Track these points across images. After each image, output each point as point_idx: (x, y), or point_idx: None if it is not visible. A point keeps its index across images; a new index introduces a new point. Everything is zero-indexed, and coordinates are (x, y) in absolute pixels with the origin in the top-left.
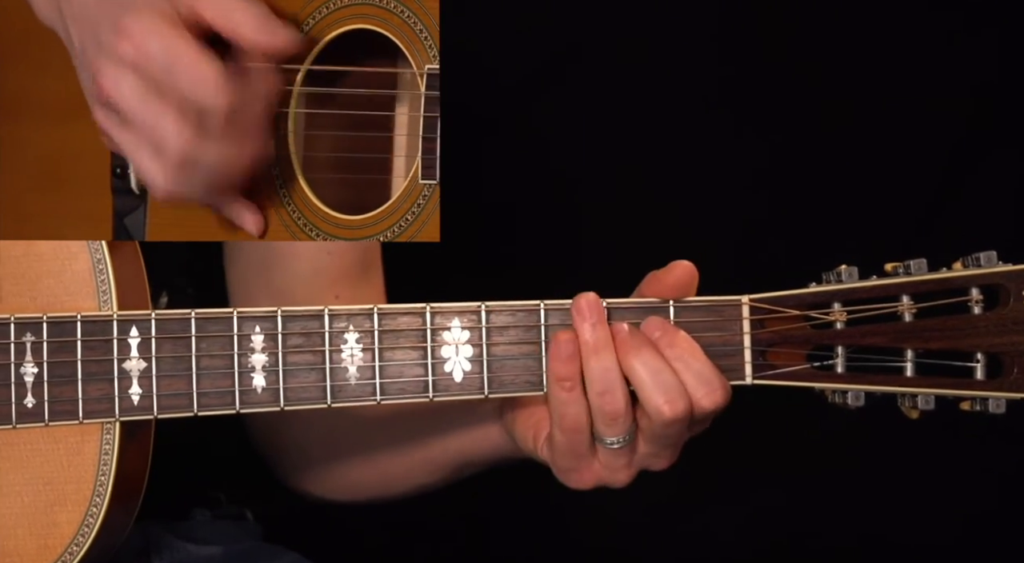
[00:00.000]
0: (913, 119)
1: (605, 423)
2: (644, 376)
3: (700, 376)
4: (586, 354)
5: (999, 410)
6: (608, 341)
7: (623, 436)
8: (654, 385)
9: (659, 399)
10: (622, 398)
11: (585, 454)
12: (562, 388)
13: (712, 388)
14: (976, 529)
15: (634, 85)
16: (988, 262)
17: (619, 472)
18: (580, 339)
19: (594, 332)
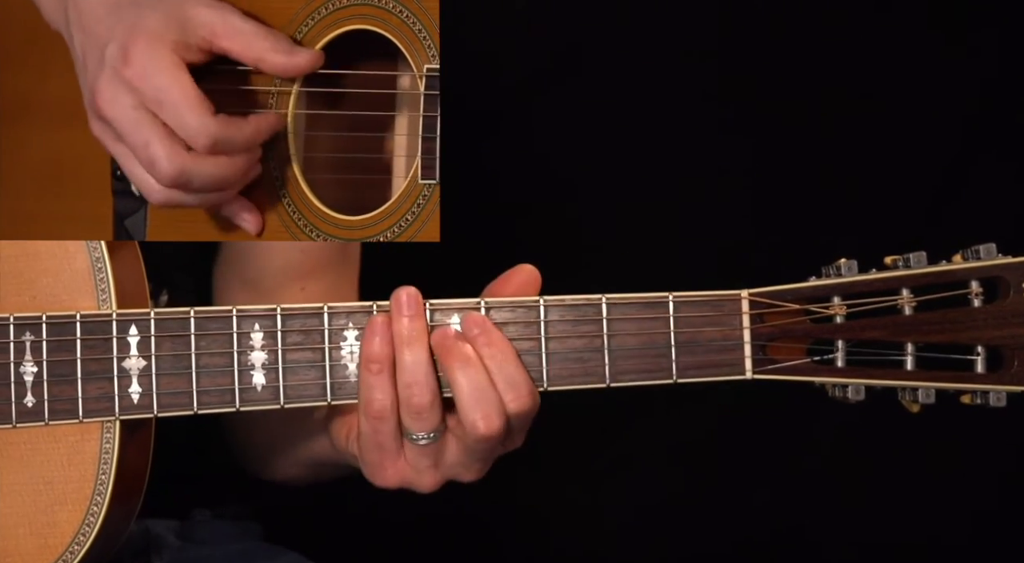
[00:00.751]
0: (913, 115)
1: (411, 416)
2: (464, 388)
3: (509, 379)
4: (399, 345)
5: (1000, 403)
6: (423, 335)
7: (429, 432)
8: (474, 399)
9: (476, 414)
10: (428, 393)
11: (390, 447)
12: (369, 371)
13: (519, 393)
14: (978, 526)
15: (634, 83)
16: (988, 254)
17: (424, 473)
18: (394, 330)
19: (410, 324)
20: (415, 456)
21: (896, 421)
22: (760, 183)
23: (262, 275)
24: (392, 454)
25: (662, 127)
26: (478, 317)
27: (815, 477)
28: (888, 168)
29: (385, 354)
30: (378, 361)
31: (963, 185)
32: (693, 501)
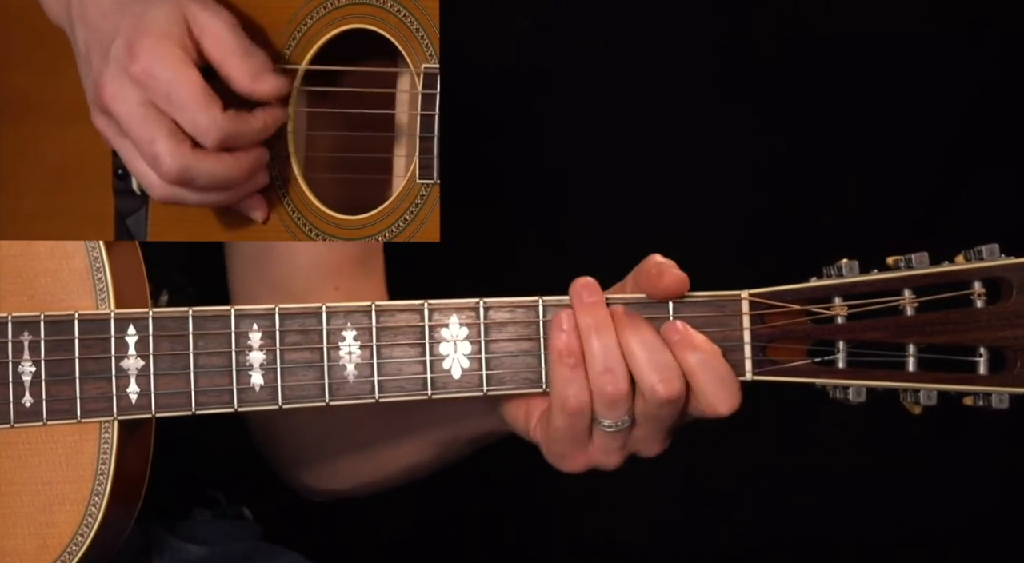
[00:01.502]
0: (915, 115)
1: (606, 405)
2: (640, 354)
3: (721, 379)
4: (586, 334)
5: (1002, 405)
6: (608, 321)
7: (622, 419)
8: (650, 364)
9: (654, 378)
10: (624, 378)
11: (582, 438)
12: (565, 366)
13: (731, 393)
14: (979, 527)
15: (634, 83)
16: (990, 255)
17: (612, 455)
18: (579, 321)
19: (594, 312)
20: (605, 441)
21: (898, 423)
22: (761, 183)
23: (290, 276)
24: (583, 444)
25: (662, 127)
26: (678, 324)
27: (816, 478)
28: (890, 168)
29: (578, 346)
30: (573, 354)
31: (965, 185)
32: (693, 503)
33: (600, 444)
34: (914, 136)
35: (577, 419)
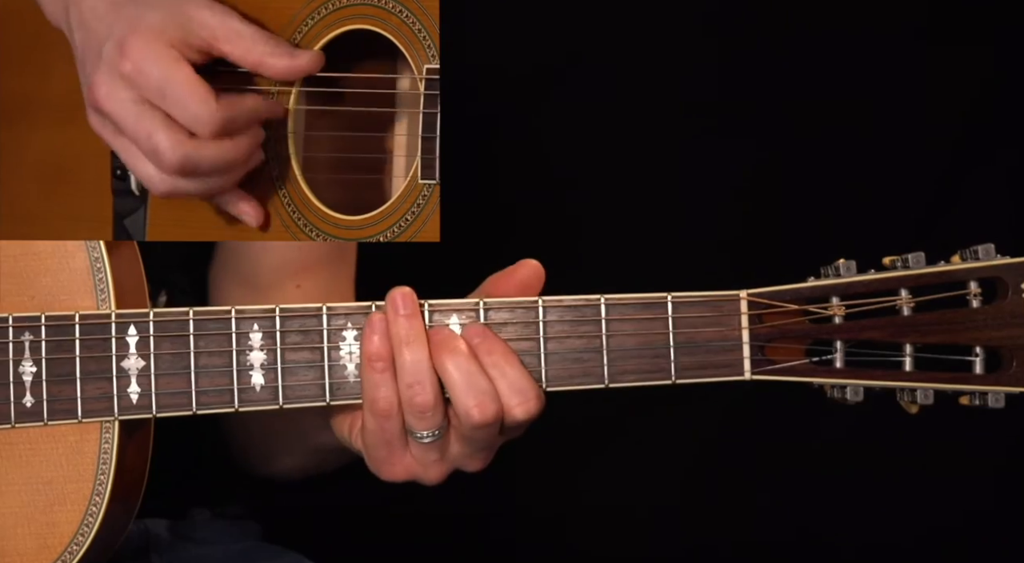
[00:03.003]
0: (912, 116)
1: (415, 416)
2: (456, 378)
3: (514, 385)
4: (397, 346)
5: (998, 404)
6: (421, 334)
7: (433, 430)
8: (465, 387)
9: (469, 402)
10: (431, 391)
11: (396, 444)
12: (373, 369)
13: (526, 398)
14: (976, 526)
15: (634, 83)
16: (986, 255)
17: (431, 468)
18: (391, 331)
19: (407, 323)
20: (421, 452)
21: (894, 422)
22: (759, 183)
23: (257, 271)
24: (398, 450)
25: (662, 127)
26: (478, 326)
27: (814, 477)
28: (887, 168)
29: (387, 351)
30: (381, 359)
31: (962, 186)
32: (692, 502)
33: (417, 454)
34: (912, 137)
35: (386, 422)
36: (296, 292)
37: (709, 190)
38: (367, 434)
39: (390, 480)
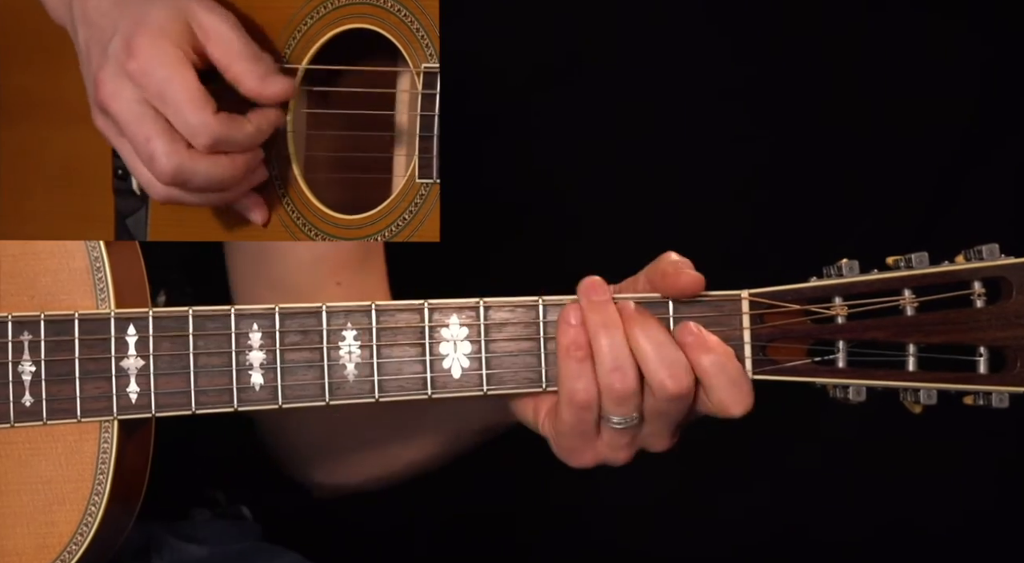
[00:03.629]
0: (915, 115)
1: (614, 402)
2: (648, 350)
3: (734, 380)
4: (594, 332)
5: (1002, 404)
6: (616, 318)
7: (631, 416)
8: (658, 359)
9: (663, 373)
10: (632, 375)
11: (590, 433)
12: (573, 359)
13: (744, 394)
14: (978, 525)
15: (634, 83)
16: (990, 255)
17: (621, 451)
18: (587, 318)
19: (602, 310)
20: (613, 437)
21: (898, 422)
22: (761, 182)
23: (292, 272)
24: (592, 439)
25: (662, 127)
26: (692, 325)
27: (816, 477)
28: (890, 168)
29: (584, 340)
30: (580, 347)
31: (965, 185)
32: (693, 501)
33: (608, 440)
34: (915, 136)
35: (585, 413)
36: (337, 290)
37: (710, 190)
38: (562, 425)
39: (578, 467)
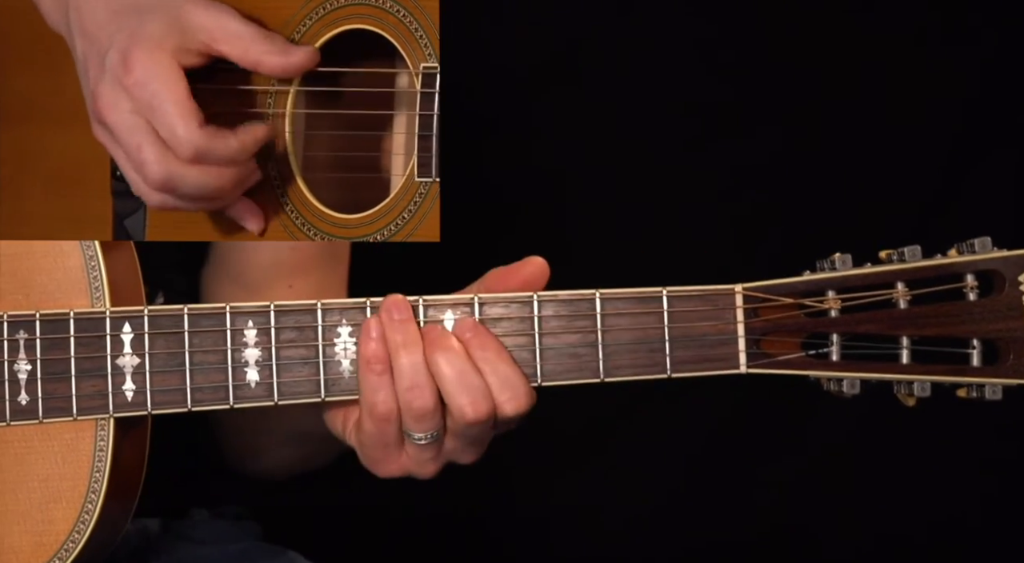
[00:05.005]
0: (910, 110)
1: (414, 419)
2: (449, 375)
3: (505, 381)
4: (394, 350)
5: (996, 396)
6: (417, 338)
7: (432, 433)
8: (458, 385)
9: (463, 400)
10: (430, 395)
11: (393, 445)
12: (372, 371)
13: (516, 394)
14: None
15: (632, 82)
16: (983, 248)
17: (426, 465)
18: (387, 337)
19: (402, 328)
20: (417, 452)
21: (892, 414)
22: (755, 178)
23: (248, 270)
24: (395, 451)
25: (660, 126)
26: (470, 322)
27: (811, 471)
28: (884, 162)
29: (384, 354)
30: (380, 361)
31: (959, 179)
32: (689, 496)
33: (413, 453)
34: (909, 131)
35: (385, 425)
36: (288, 292)
37: (705, 186)
38: (364, 435)
39: (385, 477)
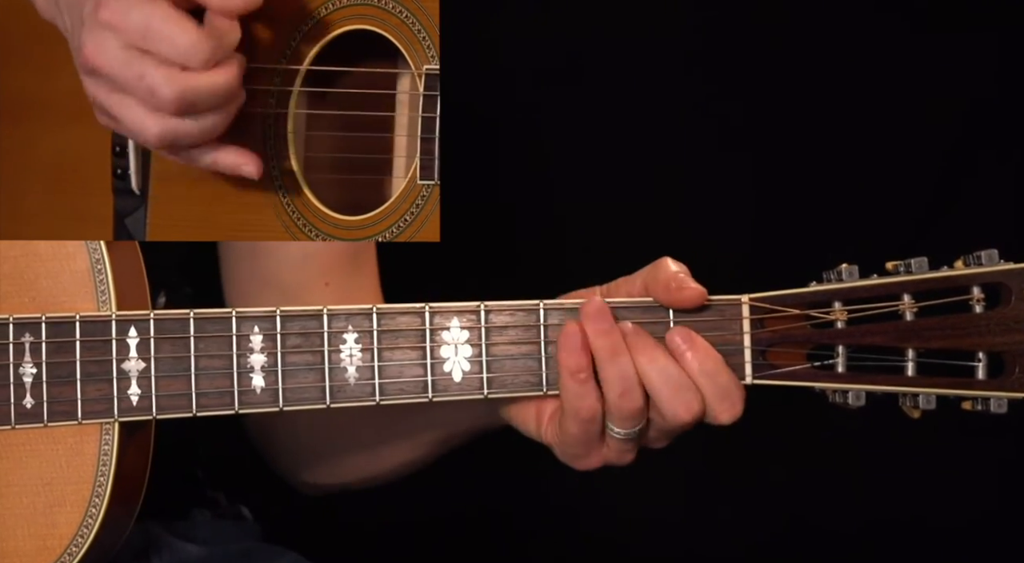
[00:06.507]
0: (914, 119)
1: (622, 419)
2: (657, 381)
3: (726, 392)
4: (602, 359)
5: (1001, 410)
6: (622, 345)
7: (638, 429)
8: (670, 390)
9: (677, 404)
10: (641, 397)
11: (595, 442)
12: (576, 380)
13: (733, 402)
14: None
15: (635, 85)
16: (989, 261)
17: (626, 455)
18: (594, 345)
19: (608, 337)
20: (619, 445)
21: (896, 427)
22: (761, 187)
23: (281, 270)
24: (597, 446)
25: (663, 129)
26: (683, 331)
27: (815, 481)
28: (890, 173)
29: (587, 362)
30: (583, 369)
31: (965, 190)
32: (692, 505)
33: (614, 446)
34: (914, 140)
35: (590, 426)
36: (326, 290)
37: (711, 194)
38: (566, 435)
39: (584, 470)
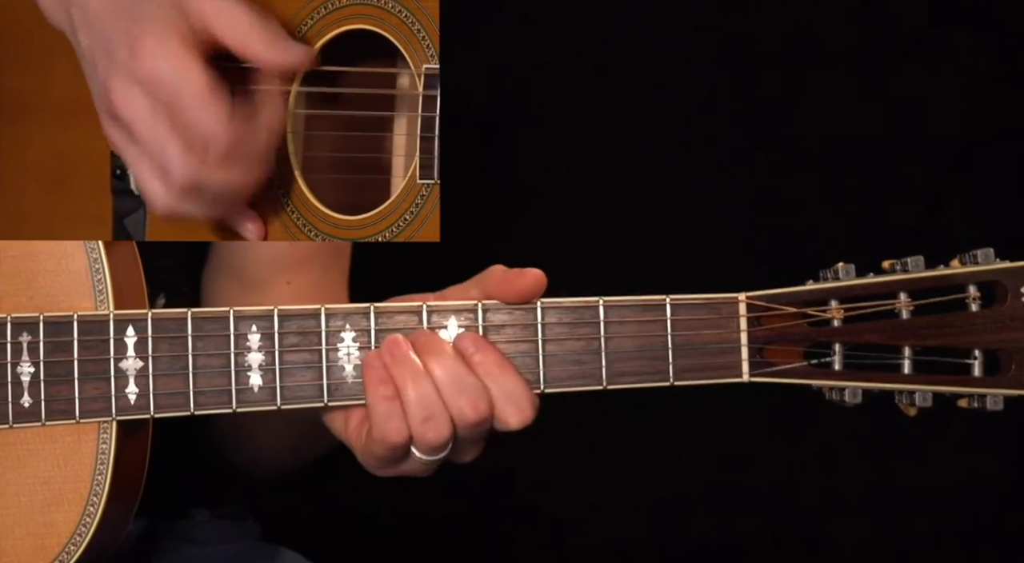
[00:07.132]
0: (912, 119)
1: (428, 448)
2: (445, 380)
3: (510, 394)
4: (402, 385)
5: (997, 407)
6: (420, 369)
7: (442, 452)
8: (457, 389)
9: (462, 402)
10: (446, 423)
11: (400, 460)
12: (381, 397)
13: (521, 407)
14: (972, 527)
15: (634, 84)
16: (986, 259)
17: (427, 470)
18: (393, 373)
19: (405, 365)
20: (423, 464)
21: (893, 424)
22: (759, 186)
23: (248, 266)
24: (400, 463)
25: (662, 129)
26: (471, 336)
27: (812, 479)
28: (886, 172)
29: (391, 379)
30: (385, 383)
31: (961, 189)
32: (690, 503)
33: (416, 463)
34: (911, 140)
35: (396, 452)
36: (287, 289)
37: (708, 193)
38: (371, 453)
39: (383, 476)
